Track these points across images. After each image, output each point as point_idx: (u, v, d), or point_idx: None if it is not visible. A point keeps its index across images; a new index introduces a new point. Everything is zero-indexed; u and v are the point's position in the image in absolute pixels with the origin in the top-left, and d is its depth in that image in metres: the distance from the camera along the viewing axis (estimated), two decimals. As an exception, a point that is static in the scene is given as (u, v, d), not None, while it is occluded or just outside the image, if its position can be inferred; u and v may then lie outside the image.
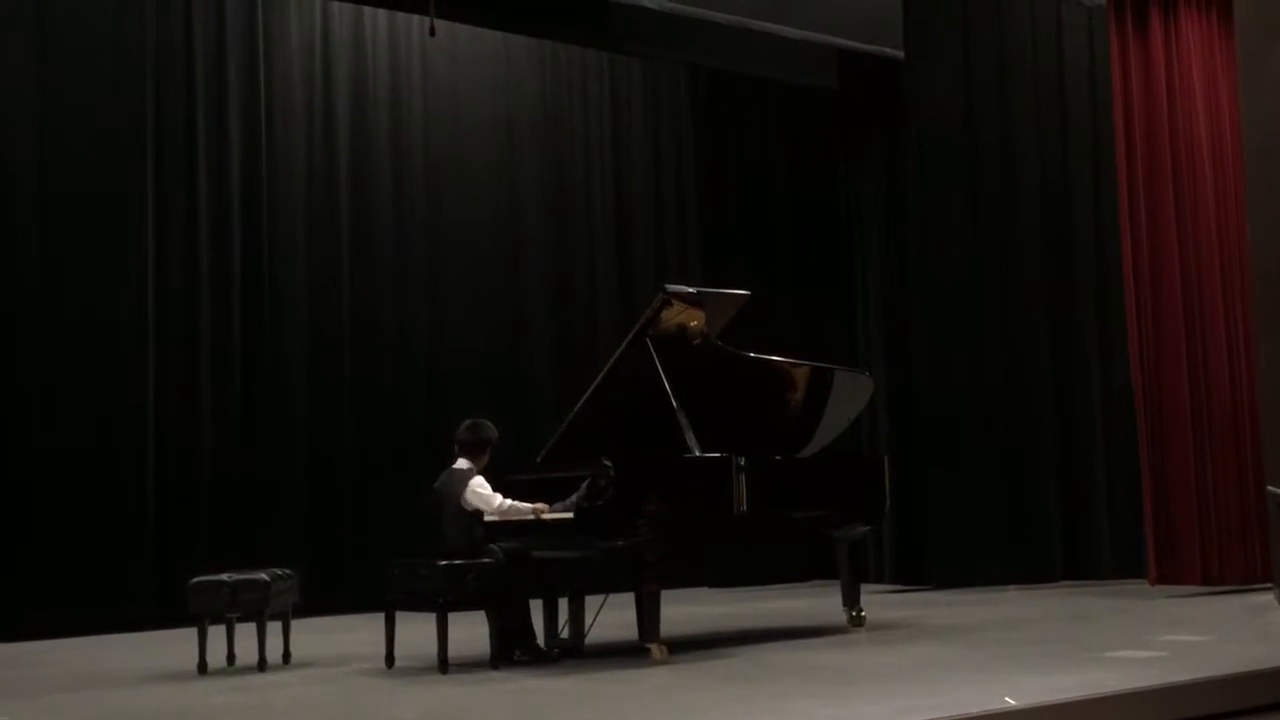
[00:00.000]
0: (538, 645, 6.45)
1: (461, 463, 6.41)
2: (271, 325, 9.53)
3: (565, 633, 6.67)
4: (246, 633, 6.26)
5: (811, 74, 10.72)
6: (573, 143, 11.12)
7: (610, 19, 9.56)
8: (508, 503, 6.29)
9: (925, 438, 10.39)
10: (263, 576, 6.28)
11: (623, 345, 6.73)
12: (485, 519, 6.28)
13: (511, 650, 6.30)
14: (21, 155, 8.68)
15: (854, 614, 7.35)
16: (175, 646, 6.94)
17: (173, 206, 9.21)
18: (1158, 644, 6.25)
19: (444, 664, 5.94)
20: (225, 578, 6.20)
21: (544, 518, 6.27)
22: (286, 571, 6.56)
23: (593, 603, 6.67)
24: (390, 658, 6.20)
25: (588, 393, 6.73)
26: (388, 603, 6.24)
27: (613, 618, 6.79)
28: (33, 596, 8.22)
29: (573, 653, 6.52)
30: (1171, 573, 8.87)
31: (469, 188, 10.50)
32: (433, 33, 9.05)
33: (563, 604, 6.72)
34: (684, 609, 8.46)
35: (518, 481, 6.56)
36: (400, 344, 10.08)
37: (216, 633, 6.21)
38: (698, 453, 6.51)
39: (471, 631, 6.27)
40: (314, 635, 7.35)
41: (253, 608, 6.20)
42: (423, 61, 10.36)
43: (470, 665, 6.12)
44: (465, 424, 6.52)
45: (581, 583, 6.66)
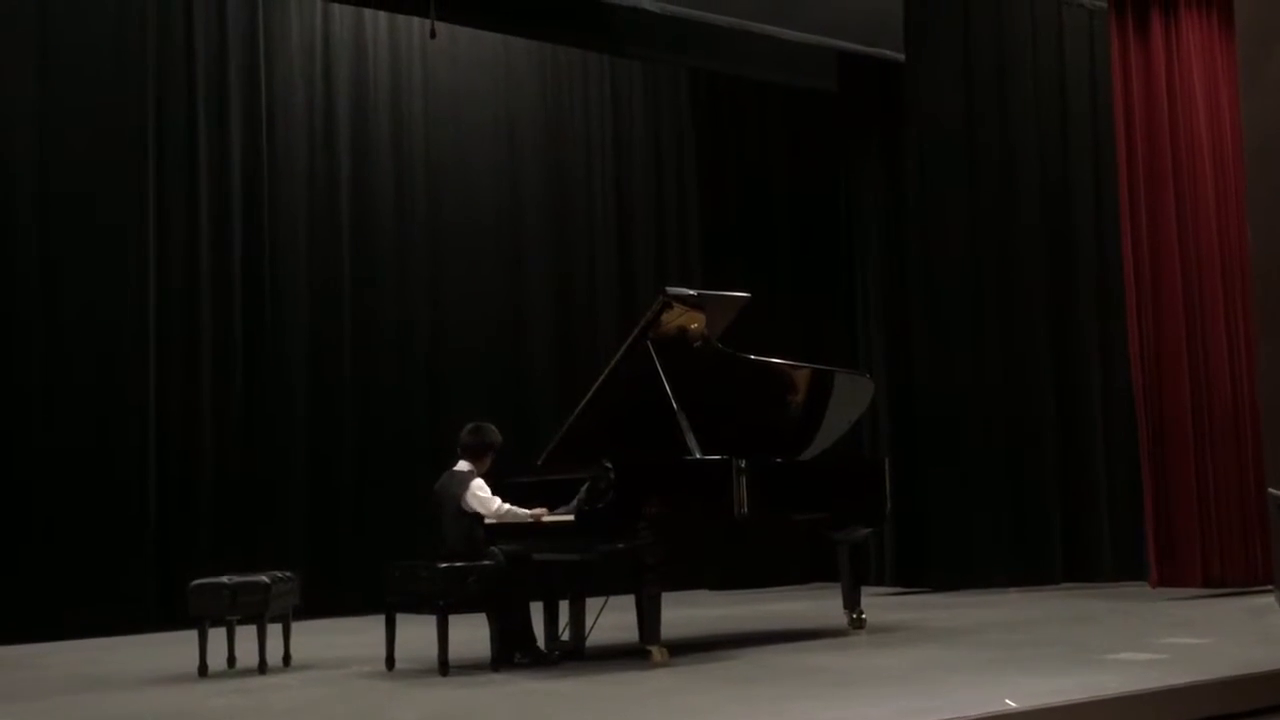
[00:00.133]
0: (538, 648, 6.45)
1: (462, 465, 6.40)
2: (272, 326, 9.53)
3: (566, 635, 6.66)
4: (247, 635, 6.26)
5: (812, 76, 10.75)
6: (573, 145, 11.11)
7: (610, 21, 9.57)
8: (506, 507, 6.28)
9: (925, 438, 10.38)
10: (263, 578, 6.28)
11: (623, 348, 6.72)
12: (485, 521, 6.28)
13: (512, 652, 6.30)
14: (21, 155, 8.67)
15: (854, 616, 7.35)
16: (175, 648, 6.94)
17: (173, 207, 9.20)
18: (1158, 646, 6.25)
19: (444, 666, 5.94)
20: (226, 580, 6.20)
21: (543, 521, 6.27)
22: (287, 573, 6.56)
23: (593, 605, 6.66)
24: (390, 660, 6.20)
25: (588, 395, 6.72)
26: (388, 605, 6.24)
27: (613, 620, 6.79)
28: (33, 598, 8.21)
29: (573, 655, 6.52)
30: (1172, 574, 8.87)
31: (470, 189, 10.50)
32: (433, 35, 9.09)
33: (563, 606, 6.71)
34: (684, 611, 8.44)
35: (518, 484, 6.56)
36: (401, 345, 10.07)
37: (217, 635, 6.20)
38: (698, 455, 6.50)
39: (472, 634, 6.26)
40: (314, 637, 7.34)
41: (253, 610, 6.19)
42: (423, 63, 10.36)
43: (471, 667, 6.12)
44: (469, 427, 6.51)
45: (582, 585, 6.64)
